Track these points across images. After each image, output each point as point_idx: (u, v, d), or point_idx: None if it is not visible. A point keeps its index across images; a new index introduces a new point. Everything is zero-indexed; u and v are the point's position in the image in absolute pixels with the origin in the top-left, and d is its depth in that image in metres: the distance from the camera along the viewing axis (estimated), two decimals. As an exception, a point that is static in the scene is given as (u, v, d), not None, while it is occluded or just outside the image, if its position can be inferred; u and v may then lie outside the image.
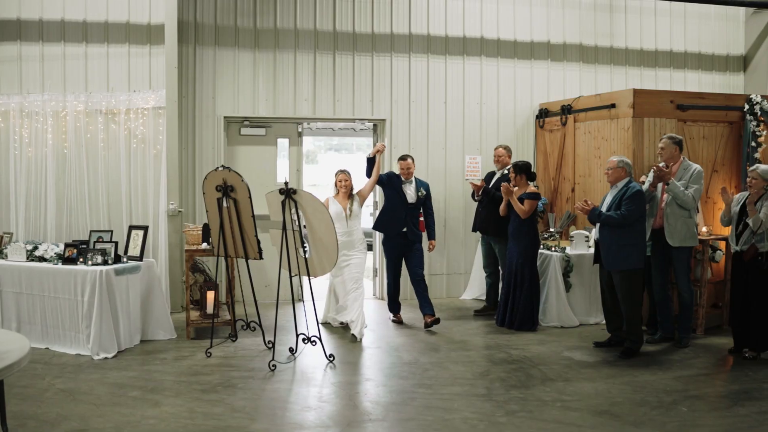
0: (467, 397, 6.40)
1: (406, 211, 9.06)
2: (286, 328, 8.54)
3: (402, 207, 9.05)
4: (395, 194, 9.10)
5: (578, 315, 9.20)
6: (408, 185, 9.17)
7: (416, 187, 9.19)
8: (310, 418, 5.87)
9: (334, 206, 8.74)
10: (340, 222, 8.61)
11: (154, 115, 9.41)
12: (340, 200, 8.86)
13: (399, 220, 9.05)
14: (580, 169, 10.20)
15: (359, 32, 10.60)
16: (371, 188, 9.14)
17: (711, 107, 9.29)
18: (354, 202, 8.88)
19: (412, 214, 9.12)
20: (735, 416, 6.02)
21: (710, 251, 8.76)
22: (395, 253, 9.18)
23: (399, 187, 9.10)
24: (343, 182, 8.91)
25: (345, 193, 8.89)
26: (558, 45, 11.43)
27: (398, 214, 9.06)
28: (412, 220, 9.11)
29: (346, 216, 8.78)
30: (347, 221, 8.78)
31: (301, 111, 10.43)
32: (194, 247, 8.53)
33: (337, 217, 8.60)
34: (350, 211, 8.81)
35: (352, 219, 8.82)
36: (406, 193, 9.12)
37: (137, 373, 6.97)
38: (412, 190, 9.16)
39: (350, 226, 8.80)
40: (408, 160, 9.24)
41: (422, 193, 9.18)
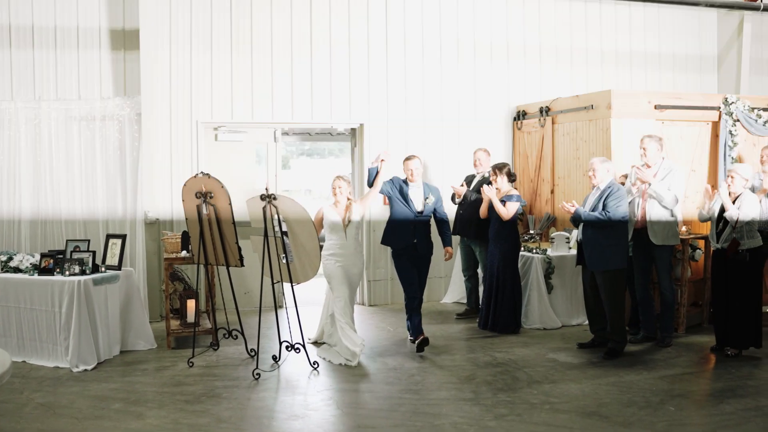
0: (455, 401, 6.36)
1: (415, 220, 8.15)
2: (268, 335, 8.45)
3: (409, 216, 8.17)
4: (401, 202, 8.22)
5: (560, 316, 9.20)
6: (415, 190, 8.26)
7: (424, 192, 8.27)
8: (297, 426, 5.79)
9: (330, 215, 7.88)
10: (336, 233, 7.82)
11: (130, 122, 9.27)
12: (337, 209, 7.92)
13: (406, 231, 8.14)
14: (559, 170, 10.21)
15: (335, 36, 10.53)
16: (373, 198, 8.33)
17: (688, 107, 9.35)
18: (352, 210, 7.91)
19: (421, 223, 8.19)
20: (722, 414, 6.05)
21: (690, 250, 8.81)
22: (408, 265, 8.20)
23: (405, 192, 8.24)
24: (341, 189, 7.92)
25: (342, 201, 7.94)
26: (534, 46, 11.45)
27: (405, 225, 8.15)
28: (421, 230, 8.19)
29: (343, 226, 7.84)
30: (345, 232, 7.84)
31: (278, 116, 10.33)
32: (173, 255, 8.41)
33: (333, 227, 7.82)
34: (348, 221, 7.84)
35: (351, 229, 7.87)
36: (413, 199, 8.22)
37: (118, 385, 6.84)
38: (419, 195, 8.26)
39: (348, 236, 7.85)
40: (414, 161, 8.31)
41: (430, 200, 8.25)
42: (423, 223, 8.20)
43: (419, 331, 8.06)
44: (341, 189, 7.93)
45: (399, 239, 8.20)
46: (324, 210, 7.95)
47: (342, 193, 7.92)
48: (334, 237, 7.82)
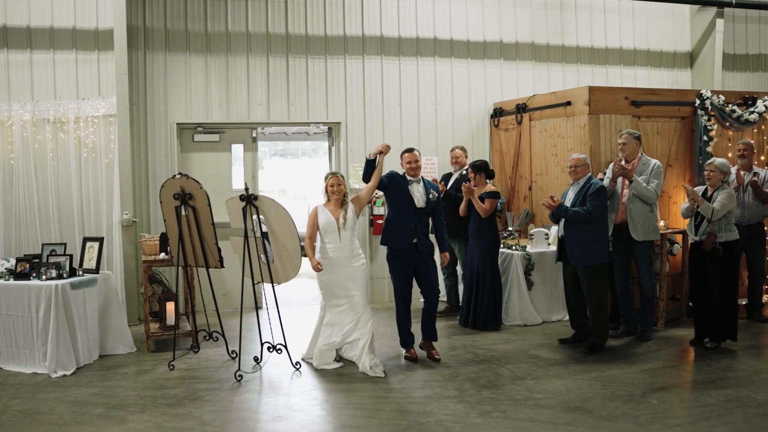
0: (439, 399, 6.35)
1: (416, 218, 7.58)
2: (248, 337, 8.39)
3: (410, 213, 7.57)
4: (401, 198, 7.62)
5: (540, 313, 9.23)
6: (415, 185, 7.66)
7: (426, 188, 7.72)
8: (282, 428, 5.75)
9: (323, 216, 7.38)
10: (331, 234, 7.35)
11: (105, 123, 9.16)
12: (332, 209, 7.41)
13: (407, 230, 7.54)
14: (537, 167, 10.24)
15: (312, 35, 10.50)
16: (370, 194, 7.61)
17: (664, 103, 9.42)
18: (348, 210, 7.40)
19: (422, 222, 7.63)
20: (703, 406, 6.09)
21: (668, 245, 8.88)
22: (405, 271, 7.65)
23: (405, 188, 7.63)
24: (335, 187, 7.41)
25: (337, 199, 7.42)
26: (510, 44, 11.49)
27: (406, 223, 7.55)
28: (422, 228, 7.63)
29: (338, 227, 7.34)
30: (340, 233, 7.34)
31: (255, 116, 10.28)
32: (152, 258, 8.32)
33: (328, 228, 7.34)
34: (344, 220, 7.36)
35: (347, 230, 7.37)
36: (414, 195, 7.62)
37: (99, 390, 6.75)
38: (420, 191, 7.67)
39: (344, 238, 7.35)
40: (415, 153, 7.73)
41: (433, 196, 7.70)
42: (424, 221, 7.71)
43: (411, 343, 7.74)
44: (336, 187, 7.43)
45: (400, 239, 7.58)
46: (318, 210, 7.48)
47: (337, 192, 7.42)
48: (328, 239, 7.37)
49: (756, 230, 9.04)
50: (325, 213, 7.41)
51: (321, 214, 7.42)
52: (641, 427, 5.62)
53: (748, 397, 6.28)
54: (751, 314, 9.19)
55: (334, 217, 7.36)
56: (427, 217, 7.73)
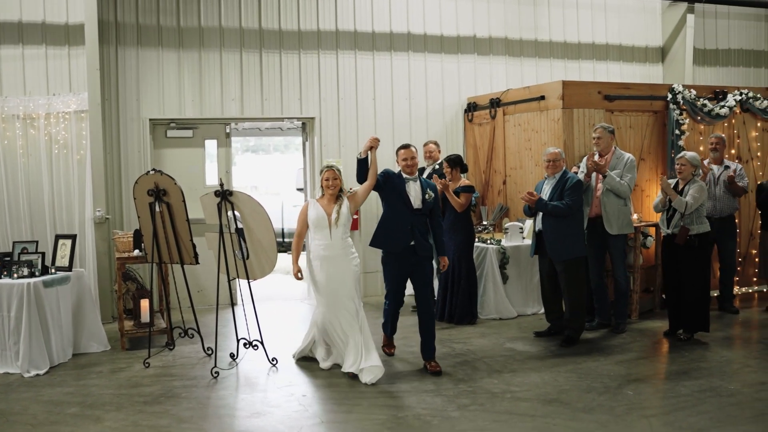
0: (417, 393, 6.36)
1: (413, 220, 7.11)
2: (224, 333, 8.34)
3: (406, 214, 7.10)
4: (397, 198, 7.14)
5: (516, 306, 9.27)
6: (412, 184, 7.20)
7: (422, 188, 7.23)
8: (260, 424, 5.73)
9: (314, 210, 6.99)
10: (321, 230, 6.94)
11: (77, 119, 9.03)
12: (324, 203, 7.01)
13: (404, 232, 7.06)
14: (511, 161, 10.28)
15: (285, 29, 10.45)
16: (367, 193, 7.15)
17: (636, 97, 9.50)
18: (343, 206, 6.97)
19: (419, 222, 7.14)
20: (678, 396, 6.17)
21: (642, 238, 8.96)
22: (400, 275, 7.22)
23: (401, 187, 7.17)
24: (331, 181, 6.98)
25: (332, 194, 7.01)
26: (484, 39, 11.52)
27: (402, 224, 7.08)
28: (419, 229, 7.13)
29: (329, 223, 6.92)
30: (330, 229, 6.92)
31: (228, 111, 10.22)
32: (125, 255, 8.24)
33: (318, 224, 6.94)
34: (337, 215, 6.92)
35: (339, 227, 6.93)
36: (410, 194, 7.16)
37: (73, 389, 6.67)
38: (417, 190, 7.19)
39: (335, 236, 6.93)
40: (411, 149, 7.31)
41: (430, 196, 7.20)
42: (421, 222, 7.19)
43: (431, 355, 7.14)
44: (332, 181, 7.01)
45: (394, 241, 7.11)
46: (309, 205, 7.13)
47: (333, 186, 7.00)
48: (318, 236, 6.99)
49: (727, 223, 9.16)
50: (316, 208, 7.01)
51: (311, 208, 7.04)
52: (617, 418, 5.67)
53: (721, 387, 6.37)
54: (723, 305, 9.32)
55: (325, 212, 6.95)
56: (425, 219, 7.23)
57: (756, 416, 5.70)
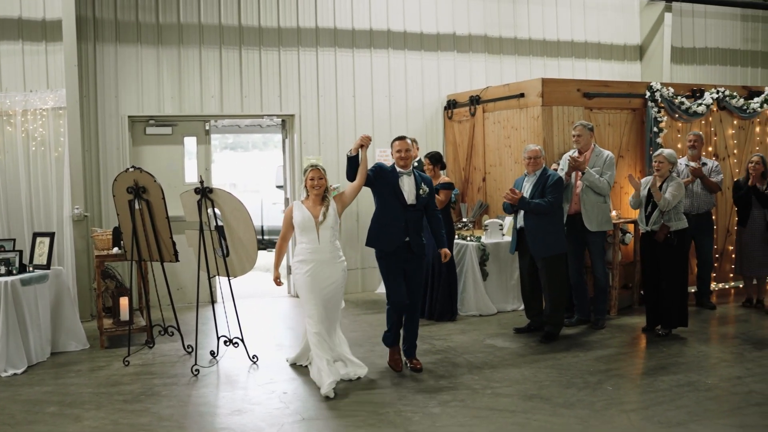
0: (397, 389, 6.38)
1: (407, 216, 6.81)
2: (204, 331, 8.30)
3: (400, 211, 6.81)
4: (390, 193, 6.84)
5: (495, 303, 9.31)
6: (406, 179, 6.88)
7: (416, 182, 6.93)
8: (242, 421, 5.71)
9: (299, 212, 6.65)
10: (308, 233, 6.61)
11: (54, 116, 8.95)
12: (310, 205, 6.68)
13: (398, 229, 6.78)
14: (491, 158, 10.32)
15: (265, 26, 10.42)
16: (356, 192, 6.91)
17: (615, 95, 9.56)
18: (330, 207, 6.67)
19: (413, 219, 6.85)
20: (656, 391, 6.23)
21: (620, 234, 9.02)
22: (396, 270, 6.86)
23: (394, 182, 6.85)
24: (315, 181, 6.65)
25: (317, 195, 6.68)
26: (464, 36, 11.55)
27: (396, 221, 6.79)
28: (414, 226, 6.84)
29: (315, 224, 6.60)
30: (318, 231, 6.59)
31: (208, 108, 10.18)
32: (104, 252, 8.19)
33: (305, 226, 6.60)
34: (324, 217, 6.60)
35: (326, 229, 6.62)
36: (403, 189, 6.85)
37: (52, 388, 6.62)
38: (411, 185, 6.89)
39: (323, 238, 6.60)
40: (406, 141, 6.97)
41: (424, 191, 6.90)
42: (416, 218, 6.89)
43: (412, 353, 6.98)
44: (317, 181, 6.68)
45: (389, 239, 6.82)
46: (294, 207, 6.78)
47: (318, 186, 6.67)
48: (305, 239, 6.64)
49: (704, 219, 9.25)
50: (301, 209, 6.68)
51: (297, 210, 6.70)
52: (597, 413, 5.71)
53: (699, 381, 6.43)
54: (700, 301, 9.41)
55: (312, 214, 6.63)
56: (419, 215, 6.94)
57: (733, 410, 5.77)
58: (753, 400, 5.96)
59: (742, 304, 9.50)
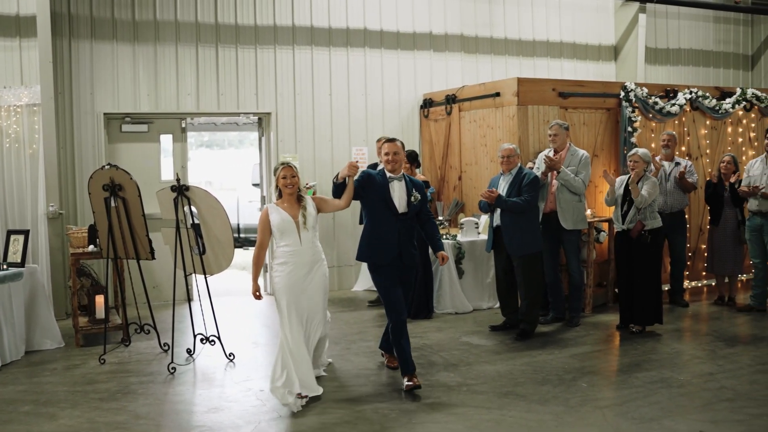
0: (374, 386, 6.42)
1: (398, 225, 6.38)
2: (180, 329, 8.28)
3: (391, 221, 6.36)
4: (379, 203, 6.39)
5: (471, 300, 9.37)
6: (396, 184, 6.42)
7: (407, 188, 6.46)
8: (219, 419, 5.72)
9: (277, 215, 6.24)
10: (288, 235, 6.22)
11: (29, 113, 8.88)
12: (286, 206, 6.29)
13: (389, 242, 6.36)
14: (467, 157, 10.38)
15: (242, 24, 10.41)
16: (337, 209, 6.63)
17: (590, 94, 9.66)
18: (308, 206, 6.31)
19: (405, 229, 6.41)
20: (630, 387, 6.30)
21: (595, 233, 9.12)
22: (392, 283, 6.42)
23: (383, 190, 6.38)
24: (288, 179, 6.24)
25: (291, 194, 6.29)
26: (440, 35, 11.60)
27: (388, 233, 6.36)
28: (406, 236, 6.42)
29: (297, 226, 6.24)
30: (300, 233, 6.24)
31: (184, 106, 10.14)
32: (80, 250, 8.14)
33: (284, 228, 6.21)
34: (304, 217, 6.25)
35: (308, 230, 6.27)
36: (394, 197, 6.38)
37: (26, 387, 6.57)
38: (402, 191, 6.42)
39: (305, 240, 6.26)
40: (396, 143, 6.48)
41: (416, 198, 6.44)
42: (407, 227, 6.46)
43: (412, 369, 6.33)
44: (290, 179, 6.26)
45: (381, 253, 6.39)
46: (269, 210, 6.33)
47: (291, 185, 6.26)
48: (285, 242, 6.25)
49: (677, 218, 9.37)
50: (278, 211, 6.26)
51: (273, 213, 6.27)
52: (572, 410, 5.78)
53: (672, 378, 6.53)
54: (673, 299, 9.52)
55: (290, 216, 6.23)
56: (412, 223, 6.51)
57: (704, 405, 5.86)
58: (724, 395, 6.06)
59: (714, 302, 9.63)
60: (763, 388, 6.24)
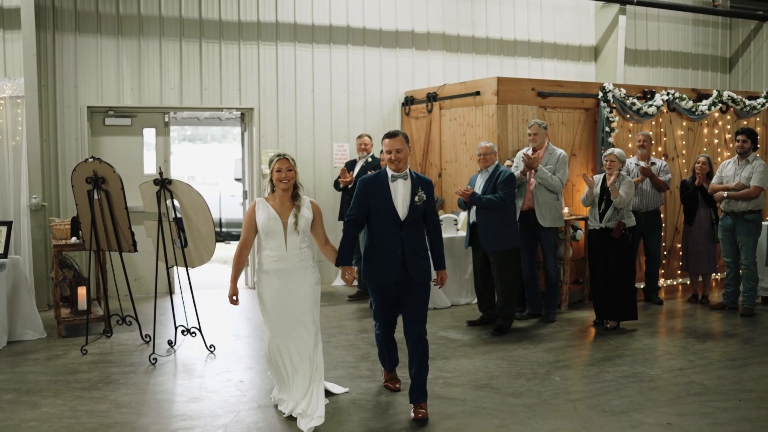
0: (352, 379, 6.53)
1: (402, 236, 5.49)
2: (162, 321, 8.37)
3: (394, 231, 5.49)
4: (381, 208, 5.51)
5: (449, 296, 9.50)
6: (401, 183, 5.53)
7: (412, 187, 5.54)
8: (199, 408, 5.82)
9: (264, 212, 5.50)
10: (273, 238, 5.49)
11: (12, 105, 8.93)
12: (277, 203, 5.52)
13: (391, 258, 5.48)
14: (447, 155, 10.51)
15: (225, 20, 10.48)
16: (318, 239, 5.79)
17: (569, 94, 9.82)
18: (303, 207, 5.52)
19: (410, 239, 5.52)
20: (602, 381, 6.46)
21: (572, 231, 9.27)
22: (388, 298, 5.70)
23: (386, 194, 5.50)
24: (283, 173, 5.48)
25: (286, 191, 5.52)
26: (422, 34, 11.72)
27: (390, 248, 5.49)
28: (413, 247, 5.52)
29: (284, 228, 5.48)
30: (286, 237, 5.47)
31: (167, 100, 10.21)
32: (63, 242, 8.21)
33: (270, 229, 5.48)
34: (295, 219, 5.45)
35: (298, 233, 5.49)
36: (396, 201, 5.50)
37: (8, 376, 6.65)
38: (406, 192, 5.51)
39: (291, 245, 5.48)
40: (400, 138, 5.53)
41: (420, 198, 5.51)
42: (413, 236, 5.54)
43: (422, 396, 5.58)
44: (285, 173, 5.50)
45: (383, 270, 5.53)
46: (256, 206, 5.59)
47: (286, 179, 5.50)
48: (270, 245, 5.54)
49: (653, 217, 9.54)
50: (266, 209, 5.52)
51: (260, 210, 5.53)
52: (544, 402, 5.92)
53: (643, 373, 6.69)
54: (648, 297, 9.70)
55: (278, 215, 5.49)
56: (418, 230, 5.59)
57: (673, 399, 6.03)
58: (692, 390, 6.23)
59: (688, 300, 9.81)
60: (730, 383, 6.42)
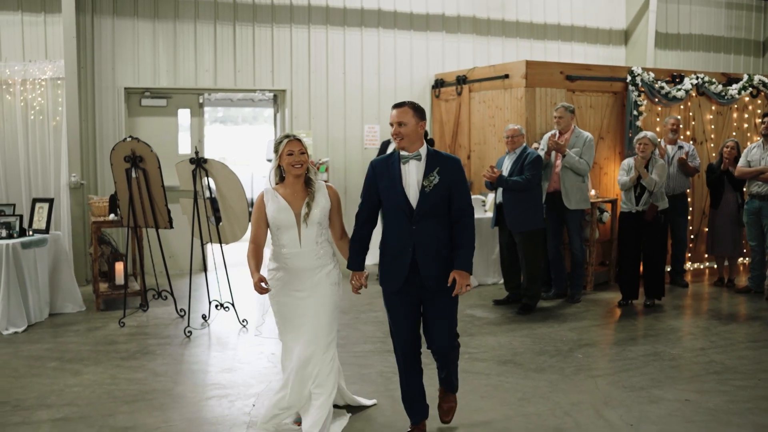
0: (380, 353, 6.73)
1: (412, 231, 4.50)
2: (196, 296, 8.63)
3: (402, 223, 4.53)
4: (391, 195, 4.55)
5: (477, 276, 9.64)
6: (413, 164, 4.52)
7: (426, 169, 4.50)
8: (232, 378, 6.07)
9: (273, 203, 4.77)
10: (284, 232, 4.77)
11: (52, 86, 9.23)
12: (288, 192, 4.78)
13: (400, 256, 4.54)
14: (476, 137, 10.64)
15: (259, 3, 10.66)
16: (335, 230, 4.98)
17: (597, 78, 9.88)
18: (318, 195, 4.77)
19: (424, 234, 4.51)
20: (624, 359, 6.60)
21: (598, 213, 9.37)
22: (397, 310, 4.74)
23: (394, 177, 4.53)
24: (295, 156, 4.71)
25: (298, 177, 4.76)
26: (452, 17, 11.80)
27: (399, 245, 4.55)
28: (425, 246, 4.51)
29: (296, 219, 4.73)
30: (300, 231, 4.74)
31: (202, 82, 10.43)
32: (101, 219, 8.49)
33: (281, 223, 4.75)
34: (308, 209, 4.70)
35: (311, 225, 4.74)
36: (407, 186, 4.50)
37: (51, 345, 6.96)
38: (418, 174, 4.50)
39: (306, 239, 4.75)
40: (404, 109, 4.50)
41: (430, 181, 4.45)
42: (428, 231, 4.52)
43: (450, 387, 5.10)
44: (298, 156, 4.72)
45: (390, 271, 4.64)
46: (264, 196, 4.84)
47: (298, 163, 4.73)
48: (282, 241, 4.82)
49: (679, 200, 9.60)
50: (276, 200, 4.78)
51: (270, 201, 4.80)
52: (566, 378, 6.08)
53: (664, 352, 6.82)
54: (674, 279, 9.78)
55: (289, 205, 4.75)
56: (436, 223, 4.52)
57: (692, 377, 6.15)
58: (712, 368, 6.34)
59: (714, 284, 9.87)
60: (750, 362, 6.53)
